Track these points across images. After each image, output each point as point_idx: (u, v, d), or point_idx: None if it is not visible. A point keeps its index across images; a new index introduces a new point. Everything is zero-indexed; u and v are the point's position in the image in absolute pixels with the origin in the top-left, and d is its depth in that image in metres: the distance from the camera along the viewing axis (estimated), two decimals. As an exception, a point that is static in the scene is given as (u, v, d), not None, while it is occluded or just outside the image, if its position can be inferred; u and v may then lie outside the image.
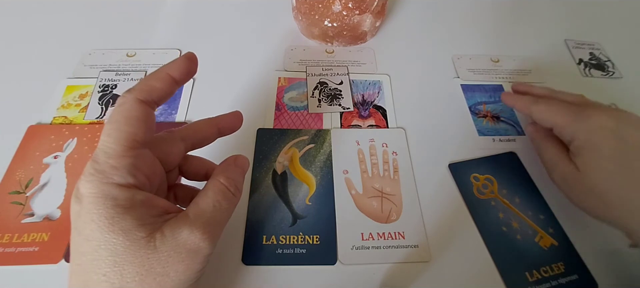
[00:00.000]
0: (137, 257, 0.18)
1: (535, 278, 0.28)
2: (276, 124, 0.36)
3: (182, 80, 0.22)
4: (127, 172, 0.19)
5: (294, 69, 0.40)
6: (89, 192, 0.18)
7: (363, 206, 0.31)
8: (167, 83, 0.21)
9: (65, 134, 0.33)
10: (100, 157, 0.19)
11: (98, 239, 0.18)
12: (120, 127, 0.19)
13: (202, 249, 0.20)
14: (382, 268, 0.28)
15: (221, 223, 0.22)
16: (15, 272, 0.27)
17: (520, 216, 0.31)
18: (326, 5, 0.39)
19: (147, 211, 0.19)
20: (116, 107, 0.20)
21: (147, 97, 0.20)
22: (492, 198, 0.32)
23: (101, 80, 0.37)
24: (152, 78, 0.21)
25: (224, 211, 0.22)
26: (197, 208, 0.21)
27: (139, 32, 0.43)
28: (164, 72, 0.22)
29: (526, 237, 0.30)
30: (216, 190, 0.22)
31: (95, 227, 0.18)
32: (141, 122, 0.20)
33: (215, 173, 0.23)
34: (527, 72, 0.42)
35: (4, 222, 0.28)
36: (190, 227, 0.19)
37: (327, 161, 0.33)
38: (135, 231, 0.18)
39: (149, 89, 0.21)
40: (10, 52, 0.40)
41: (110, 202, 0.18)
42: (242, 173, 0.24)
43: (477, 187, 0.32)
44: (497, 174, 0.33)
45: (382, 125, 0.36)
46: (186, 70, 0.22)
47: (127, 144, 0.19)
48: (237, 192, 0.23)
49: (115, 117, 0.20)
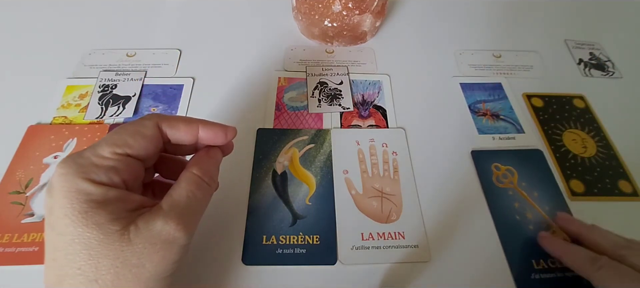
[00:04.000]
0: (112, 250, 0.18)
1: (541, 267, 0.28)
2: (276, 123, 0.36)
3: (207, 141, 0.24)
4: (104, 173, 0.19)
5: (294, 69, 0.40)
6: (62, 186, 0.18)
7: (363, 206, 0.31)
8: (191, 133, 0.23)
9: (65, 134, 0.33)
10: (87, 152, 0.20)
11: (72, 233, 0.18)
12: (123, 135, 0.20)
13: (178, 239, 0.20)
14: (382, 268, 0.28)
15: (196, 213, 0.22)
16: (15, 272, 0.27)
17: (536, 209, 0.31)
18: (326, 5, 0.39)
19: (121, 206, 0.19)
20: (138, 119, 0.22)
21: (166, 129, 0.22)
22: (510, 188, 0.32)
23: (101, 80, 0.37)
24: (183, 119, 0.23)
25: (198, 201, 0.22)
26: (170, 199, 0.21)
27: (139, 32, 0.43)
28: (197, 121, 0.23)
29: (539, 228, 0.30)
30: (189, 181, 0.22)
31: (68, 222, 0.18)
32: (146, 142, 0.21)
33: (188, 165, 0.23)
34: (528, 67, 0.42)
35: (4, 222, 0.28)
36: (164, 218, 0.20)
37: (327, 161, 0.33)
38: (109, 225, 0.18)
39: (173, 125, 0.22)
40: (10, 52, 0.40)
41: (83, 196, 0.18)
42: (215, 163, 0.24)
43: (497, 176, 0.33)
44: (519, 167, 0.34)
45: (382, 125, 0.36)
46: (216, 137, 0.24)
47: (118, 151, 0.20)
48: (211, 182, 0.23)
49: (127, 125, 0.21)
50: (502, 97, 0.39)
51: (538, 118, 0.38)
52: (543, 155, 0.35)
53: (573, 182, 0.33)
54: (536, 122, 0.37)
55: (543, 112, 0.38)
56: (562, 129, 0.37)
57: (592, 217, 0.30)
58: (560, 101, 0.39)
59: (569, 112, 0.38)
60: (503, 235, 0.30)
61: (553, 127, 0.37)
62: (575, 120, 0.38)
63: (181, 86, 0.38)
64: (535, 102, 0.39)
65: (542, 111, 0.38)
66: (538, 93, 0.39)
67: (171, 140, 0.23)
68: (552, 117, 0.38)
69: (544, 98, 0.39)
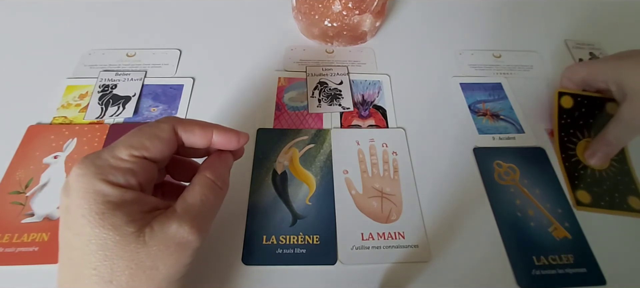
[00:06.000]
0: (127, 252, 0.18)
1: (542, 263, 0.29)
2: (276, 124, 0.36)
3: (220, 145, 0.24)
4: (122, 174, 0.19)
5: (294, 69, 0.40)
6: (79, 187, 0.19)
7: (363, 206, 0.31)
8: (205, 137, 0.23)
9: (65, 134, 0.33)
10: (105, 154, 0.20)
11: (89, 234, 0.18)
12: (141, 138, 0.21)
13: (191, 242, 0.20)
14: (382, 268, 0.28)
15: (209, 216, 0.22)
16: (15, 272, 0.27)
17: (537, 206, 0.31)
18: (326, 5, 0.39)
19: (136, 208, 0.19)
20: (154, 121, 0.22)
21: (182, 132, 0.22)
22: (511, 185, 0.33)
23: (101, 80, 0.37)
24: (199, 123, 0.23)
25: (211, 204, 0.22)
26: (184, 203, 0.21)
27: (139, 32, 0.43)
28: (211, 126, 0.23)
29: (540, 225, 0.30)
30: (203, 185, 0.22)
31: (85, 222, 0.18)
32: (162, 145, 0.21)
33: (201, 169, 0.23)
34: (528, 67, 0.42)
35: (4, 222, 0.28)
36: (178, 221, 0.20)
37: (327, 161, 0.33)
38: (125, 226, 0.18)
39: (189, 129, 0.22)
40: (10, 52, 0.40)
41: (100, 197, 0.18)
42: (227, 167, 0.25)
43: (499, 173, 0.33)
44: (521, 165, 0.34)
45: (382, 125, 0.36)
46: (229, 142, 0.24)
47: (135, 153, 0.20)
48: (224, 186, 0.23)
49: (145, 128, 0.21)
50: (502, 97, 0.39)
51: (559, 121, 0.35)
52: (545, 153, 0.35)
53: (580, 192, 0.32)
54: (556, 125, 0.35)
55: (568, 115, 0.35)
56: (580, 137, 0.35)
57: (597, 228, 0.30)
58: (593, 103, 0.35)
59: (595, 118, 0.35)
60: (504, 232, 0.30)
61: (572, 134, 0.35)
62: (597, 129, 0.34)
63: (181, 86, 0.38)
64: (565, 102, 0.35)
65: (567, 114, 0.35)
66: (571, 90, 0.36)
67: (185, 143, 0.23)
68: (575, 122, 0.35)
69: (577, 97, 0.35)
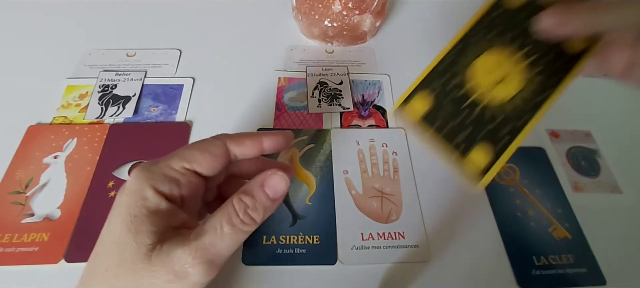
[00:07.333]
0: (135, 263, 0.18)
1: (542, 263, 0.29)
2: (276, 124, 0.36)
3: (271, 149, 0.23)
4: (168, 184, 0.20)
5: (294, 69, 0.40)
6: (132, 187, 0.19)
7: (363, 206, 0.31)
8: (256, 146, 0.23)
9: (65, 134, 0.33)
10: (161, 162, 0.20)
11: (116, 233, 0.18)
12: (194, 151, 0.21)
13: (190, 276, 0.18)
14: (382, 268, 0.28)
15: (220, 252, 0.19)
16: (15, 272, 0.27)
17: (537, 206, 0.32)
18: (326, 5, 0.39)
19: (165, 220, 0.19)
20: (210, 138, 0.22)
21: (233, 146, 0.22)
22: (511, 185, 0.33)
23: (101, 80, 0.37)
24: (248, 134, 0.23)
25: (224, 238, 0.19)
26: (200, 228, 0.19)
27: (139, 32, 0.43)
28: (259, 135, 0.23)
29: (540, 225, 0.30)
30: (224, 211, 0.19)
31: (119, 221, 0.18)
32: (213, 160, 0.21)
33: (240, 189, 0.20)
34: None
35: (4, 222, 0.28)
36: (184, 247, 0.18)
37: (327, 161, 0.33)
38: (145, 236, 0.18)
39: (239, 142, 0.22)
40: (10, 52, 0.40)
41: (141, 201, 0.19)
42: (266, 198, 0.20)
43: (499, 173, 0.33)
44: (521, 165, 0.34)
45: (382, 125, 0.36)
46: (278, 144, 0.24)
47: (187, 165, 0.20)
48: (248, 220, 0.19)
49: (199, 142, 0.22)
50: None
51: None
52: (545, 153, 0.35)
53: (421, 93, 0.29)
54: None
55: None
56: None
57: (597, 228, 0.30)
58: None
59: None
60: (504, 232, 0.30)
61: None
62: None
63: (181, 86, 0.38)
64: None
65: None
66: None
67: (238, 156, 0.22)
68: None
69: None
